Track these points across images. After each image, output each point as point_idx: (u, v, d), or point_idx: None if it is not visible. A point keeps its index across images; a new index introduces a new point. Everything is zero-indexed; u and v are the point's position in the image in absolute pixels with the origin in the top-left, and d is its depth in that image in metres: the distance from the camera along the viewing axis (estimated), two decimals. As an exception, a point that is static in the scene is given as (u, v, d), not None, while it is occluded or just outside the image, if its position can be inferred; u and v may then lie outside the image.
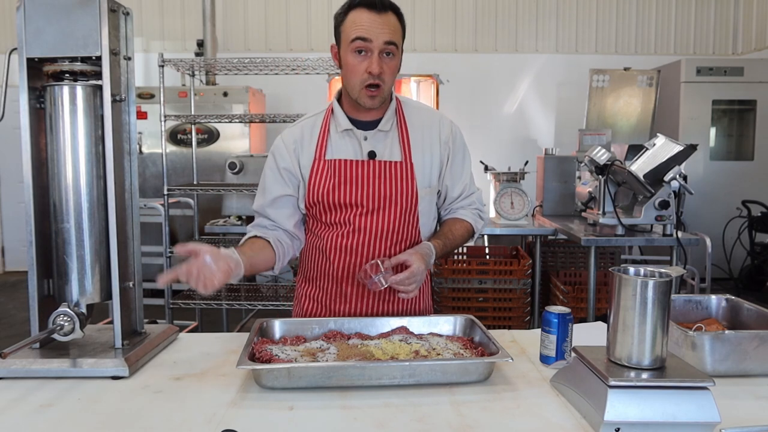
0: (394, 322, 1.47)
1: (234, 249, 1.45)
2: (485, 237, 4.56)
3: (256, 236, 1.61)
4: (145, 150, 5.74)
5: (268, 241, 1.59)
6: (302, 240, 1.70)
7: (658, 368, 1.08)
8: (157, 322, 2.98)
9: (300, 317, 1.71)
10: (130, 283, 1.43)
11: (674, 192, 3.00)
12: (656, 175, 2.87)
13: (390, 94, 1.61)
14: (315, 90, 5.42)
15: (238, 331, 3.41)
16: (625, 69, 5.72)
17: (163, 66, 3.47)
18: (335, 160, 1.58)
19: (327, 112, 1.64)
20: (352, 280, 1.62)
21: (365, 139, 1.59)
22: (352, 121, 1.60)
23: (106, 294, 1.37)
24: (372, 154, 1.58)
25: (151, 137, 5.72)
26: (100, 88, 1.33)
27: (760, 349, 1.25)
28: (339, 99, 1.64)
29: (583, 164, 3.42)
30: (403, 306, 1.66)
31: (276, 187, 1.63)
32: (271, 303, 3.55)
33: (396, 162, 1.59)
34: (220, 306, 3.67)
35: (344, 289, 1.63)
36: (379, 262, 1.47)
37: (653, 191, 2.97)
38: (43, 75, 1.34)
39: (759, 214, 5.27)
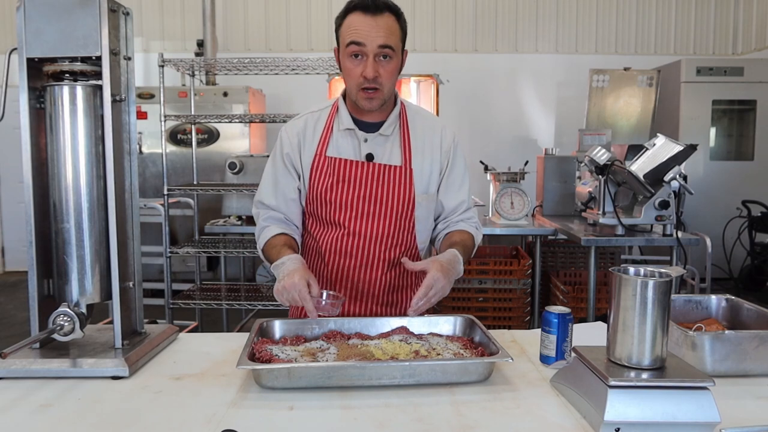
0: (394, 322, 1.47)
1: (304, 267, 1.46)
2: (485, 237, 4.56)
3: (283, 233, 1.61)
4: (145, 150, 5.74)
5: (294, 238, 1.63)
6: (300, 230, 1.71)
7: (658, 368, 1.08)
8: (157, 322, 2.99)
9: (296, 318, 1.70)
10: (130, 283, 1.43)
11: (674, 192, 3.00)
12: (656, 175, 2.87)
13: (393, 97, 1.60)
14: (315, 90, 5.42)
15: (238, 331, 3.41)
16: (625, 69, 5.72)
17: (163, 66, 3.48)
18: (334, 158, 1.59)
19: (333, 108, 1.64)
20: (346, 283, 1.62)
21: (365, 141, 1.59)
22: (356, 121, 1.60)
23: (106, 294, 1.37)
24: (370, 157, 1.58)
25: (151, 137, 5.72)
26: (100, 88, 1.33)
27: (760, 349, 1.25)
28: (345, 96, 1.63)
29: (583, 164, 3.42)
30: (397, 311, 1.66)
31: (283, 179, 1.64)
32: (271, 303, 3.55)
33: (395, 166, 1.59)
34: (220, 306, 3.67)
35: (337, 290, 1.62)
36: (335, 294, 1.49)
37: (653, 191, 2.97)
38: (43, 75, 1.34)
39: (759, 214, 5.27)
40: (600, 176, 3.12)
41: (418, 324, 1.47)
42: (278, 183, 1.65)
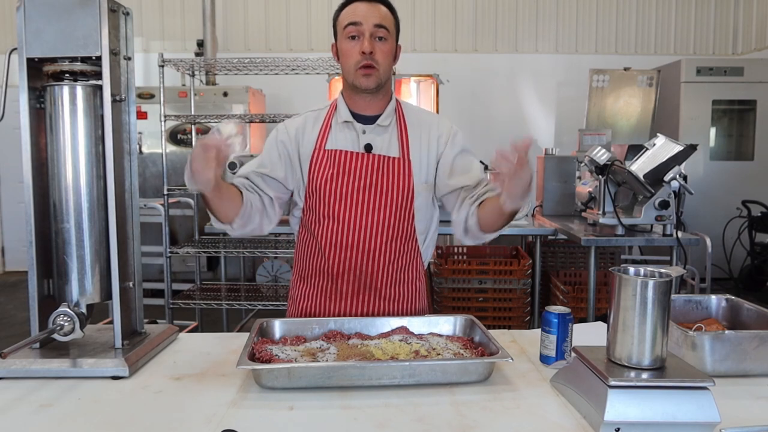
0: (394, 322, 1.47)
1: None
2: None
3: (232, 184, 1.60)
4: (145, 150, 5.74)
5: (241, 194, 1.59)
6: (273, 222, 1.67)
7: (658, 368, 1.08)
8: (157, 322, 2.98)
9: (296, 316, 1.71)
10: (130, 283, 1.43)
11: (674, 192, 2.99)
12: (656, 175, 2.87)
13: (388, 85, 1.64)
14: (315, 90, 5.42)
15: (238, 331, 3.41)
16: (625, 69, 5.72)
17: (163, 66, 3.48)
18: (333, 150, 1.62)
19: (331, 106, 1.69)
20: (347, 277, 1.63)
21: (364, 132, 1.63)
22: (354, 115, 1.64)
23: (106, 294, 1.37)
24: (368, 147, 1.62)
25: (151, 137, 5.72)
26: (100, 88, 1.33)
27: (760, 349, 1.25)
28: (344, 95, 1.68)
29: (583, 164, 3.42)
30: (399, 305, 1.67)
31: (270, 164, 1.64)
32: (271, 303, 3.56)
33: (393, 158, 1.61)
34: (220, 306, 3.67)
35: (339, 286, 1.64)
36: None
37: (653, 191, 2.97)
38: (43, 75, 1.34)
39: (759, 214, 5.27)
40: (600, 176, 3.12)
41: (418, 324, 1.47)
42: (261, 164, 1.65)
